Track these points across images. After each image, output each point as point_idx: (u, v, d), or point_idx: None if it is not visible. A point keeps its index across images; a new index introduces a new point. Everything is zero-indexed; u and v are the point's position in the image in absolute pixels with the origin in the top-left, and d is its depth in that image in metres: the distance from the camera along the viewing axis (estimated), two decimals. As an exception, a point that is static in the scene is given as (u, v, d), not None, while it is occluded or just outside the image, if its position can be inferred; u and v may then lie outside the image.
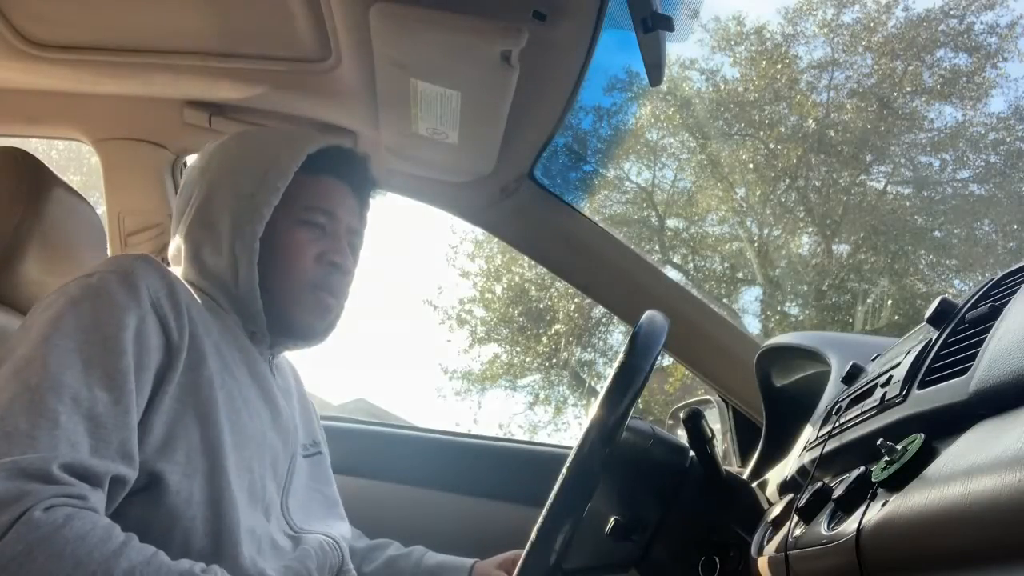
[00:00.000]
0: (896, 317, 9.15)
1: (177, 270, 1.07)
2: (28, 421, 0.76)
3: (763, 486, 1.10)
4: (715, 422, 1.63)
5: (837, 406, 0.82)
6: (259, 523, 0.95)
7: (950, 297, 0.72)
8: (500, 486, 1.63)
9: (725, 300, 10.46)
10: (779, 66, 10.28)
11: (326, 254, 1.08)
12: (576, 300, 10.20)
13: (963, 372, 0.56)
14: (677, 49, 10.91)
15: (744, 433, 1.57)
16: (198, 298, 1.00)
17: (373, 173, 1.17)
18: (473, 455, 1.73)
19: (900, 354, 0.73)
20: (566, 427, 11.10)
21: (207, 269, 1.04)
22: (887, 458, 0.57)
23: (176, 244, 1.08)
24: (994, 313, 0.60)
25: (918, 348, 0.68)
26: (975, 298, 0.69)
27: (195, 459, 0.88)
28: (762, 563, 0.82)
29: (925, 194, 10.31)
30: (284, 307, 1.06)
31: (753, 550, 0.87)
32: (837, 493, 0.63)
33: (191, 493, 0.87)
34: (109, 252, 1.40)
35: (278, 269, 1.05)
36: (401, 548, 1.25)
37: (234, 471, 0.91)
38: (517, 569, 0.79)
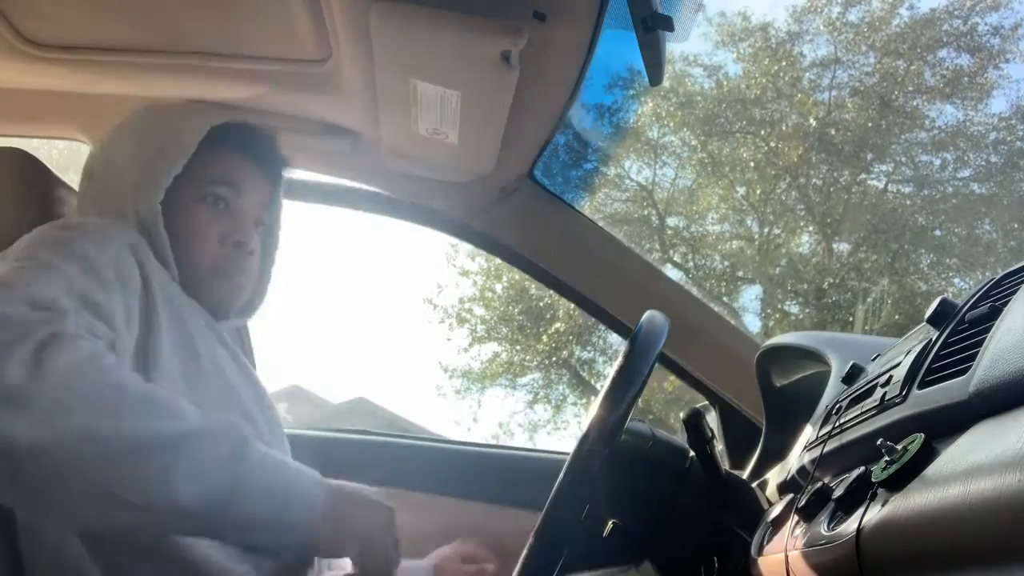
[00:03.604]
0: (896, 316, 9.15)
1: None
2: (24, 274, 0.79)
3: (763, 486, 1.10)
4: (716, 423, 1.63)
5: (837, 406, 0.82)
6: None
7: (950, 296, 0.72)
8: (499, 491, 1.63)
9: (725, 299, 10.45)
10: (783, 63, 10.27)
11: (229, 235, 1.05)
12: (576, 299, 10.15)
13: (963, 372, 0.56)
14: (680, 45, 10.91)
15: (735, 438, 1.57)
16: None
17: (281, 150, 1.15)
18: (473, 462, 1.73)
19: (900, 354, 0.73)
20: (565, 426, 11.11)
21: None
22: (887, 458, 0.57)
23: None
24: (994, 313, 0.60)
25: (918, 348, 0.68)
26: (975, 298, 0.69)
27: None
28: (762, 563, 0.82)
29: (926, 193, 10.31)
30: (195, 288, 1.03)
31: (753, 550, 0.87)
32: (837, 493, 0.63)
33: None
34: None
35: (182, 251, 1.02)
36: None
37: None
38: (517, 569, 0.79)
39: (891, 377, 0.70)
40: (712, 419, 1.63)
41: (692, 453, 1.05)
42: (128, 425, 0.72)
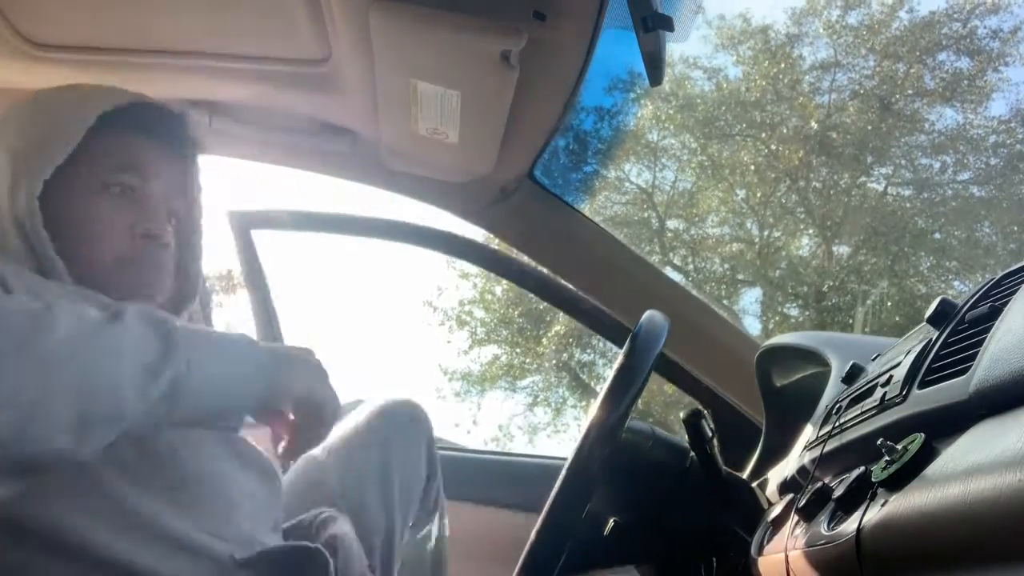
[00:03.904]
0: (896, 318, 9.15)
1: None
2: None
3: (763, 486, 1.10)
4: (715, 423, 1.63)
5: (837, 406, 0.82)
6: None
7: (950, 298, 0.72)
8: (500, 494, 1.63)
9: (725, 301, 10.45)
10: (782, 65, 10.28)
11: (139, 224, 0.94)
12: (576, 301, 10.14)
13: (963, 372, 0.55)
14: (680, 46, 10.91)
15: (735, 438, 1.57)
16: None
17: (192, 131, 1.04)
18: (473, 467, 1.73)
19: (900, 354, 0.73)
20: (565, 428, 11.09)
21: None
22: (887, 458, 0.57)
23: None
24: (994, 313, 0.60)
25: (918, 348, 0.68)
26: (975, 298, 0.69)
27: None
28: (762, 563, 0.82)
29: (925, 196, 10.31)
30: (98, 284, 0.91)
31: (753, 550, 0.86)
32: (837, 493, 0.63)
33: None
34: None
35: (82, 247, 0.91)
36: None
37: None
38: (518, 569, 0.79)
39: (891, 377, 0.70)
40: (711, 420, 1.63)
41: (692, 453, 1.05)
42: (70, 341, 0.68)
